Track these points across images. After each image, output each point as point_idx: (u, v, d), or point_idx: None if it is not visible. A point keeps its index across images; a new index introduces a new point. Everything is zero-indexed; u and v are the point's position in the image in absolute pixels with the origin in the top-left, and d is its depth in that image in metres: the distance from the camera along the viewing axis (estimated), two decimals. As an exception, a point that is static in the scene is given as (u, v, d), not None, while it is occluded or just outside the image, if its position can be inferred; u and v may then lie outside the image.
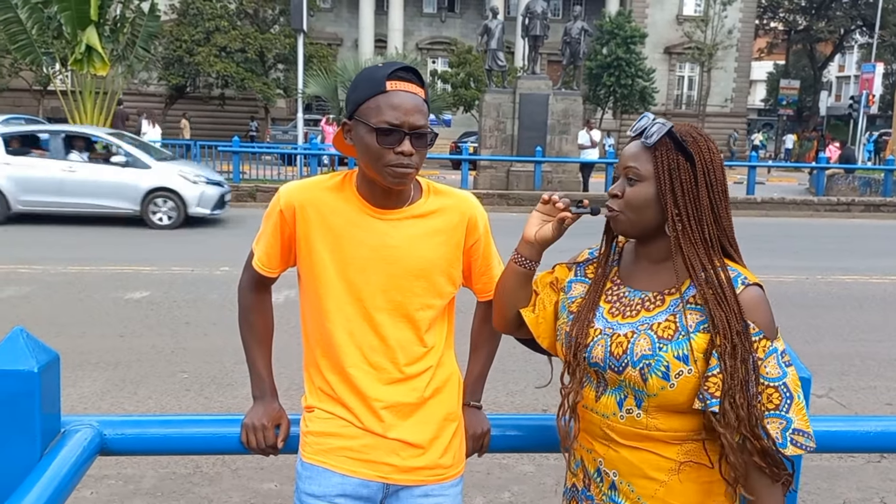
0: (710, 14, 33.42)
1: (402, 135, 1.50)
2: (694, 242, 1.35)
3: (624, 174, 1.41)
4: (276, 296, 1.82)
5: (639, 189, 1.38)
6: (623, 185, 1.41)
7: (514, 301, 1.56)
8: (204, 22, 27.41)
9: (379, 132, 1.49)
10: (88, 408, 4.42)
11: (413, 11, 37.58)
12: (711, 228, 1.37)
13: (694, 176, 1.36)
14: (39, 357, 1.48)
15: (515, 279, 1.53)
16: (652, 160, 1.37)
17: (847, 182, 19.67)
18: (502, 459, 3.83)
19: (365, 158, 1.54)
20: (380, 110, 1.49)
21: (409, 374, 1.62)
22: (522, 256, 1.51)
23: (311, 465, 1.62)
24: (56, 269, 8.10)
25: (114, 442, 1.64)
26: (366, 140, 1.51)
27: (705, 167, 1.37)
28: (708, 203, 1.36)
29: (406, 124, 1.50)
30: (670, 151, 1.36)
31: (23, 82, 28.20)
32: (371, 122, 1.50)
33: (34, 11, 16.76)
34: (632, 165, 1.39)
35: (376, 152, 1.50)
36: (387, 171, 1.51)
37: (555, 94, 17.49)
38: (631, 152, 1.40)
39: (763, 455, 1.29)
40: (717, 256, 1.36)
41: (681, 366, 1.31)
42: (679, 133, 1.37)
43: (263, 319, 1.76)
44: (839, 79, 57.35)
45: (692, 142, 1.37)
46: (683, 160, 1.36)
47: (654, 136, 1.37)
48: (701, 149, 1.37)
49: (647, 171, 1.37)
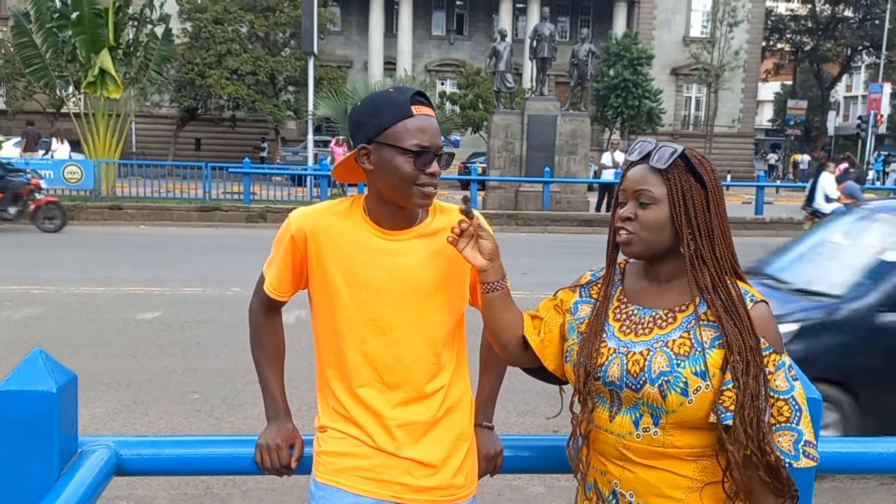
0: (717, 35, 33.57)
1: (433, 156, 1.55)
2: (706, 261, 1.39)
3: (634, 197, 1.42)
4: (286, 317, 1.84)
5: (653, 211, 1.40)
6: (634, 208, 1.42)
7: (505, 326, 1.56)
8: (216, 45, 27.72)
9: (414, 154, 1.54)
10: (100, 428, 4.44)
11: (422, 34, 37.92)
12: (722, 247, 1.40)
13: (706, 197, 1.39)
14: (58, 378, 1.50)
15: (495, 305, 1.53)
16: (664, 182, 1.39)
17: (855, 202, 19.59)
18: (513, 481, 3.82)
19: (392, 180, 1.57)
20: (410, 134, 1.54)
21: (423, 392, 1.64)
22: (488, 283, 1.51)
23: (325, 485, 1.63)
24: (69, 290, 8.16)
25: (130, 462, 1.66)
26: (396, 163, 1.55)
27: (714, 188, 1.40)
28: (718, 222, 1.40)
29: (434, 146, 1.55)
30: (683, 174, 1.39)
31: (36, 105, 28.54)
32: (403, 144, 1.54)
33: (49, 35, 17.04)
34: (643, 189, 1.41)
35: (409, 175, 1.54)
36: (415, 190, 1.56)
37: (563, 115, 17.57)
38: (640, 175, 1.42)
39: (768, 470, 1.32)
40: (729, 275, 1.40)
41: (699, 381, 1.33)
42: (690, 156, 1.41)
43: (275, 341, 1.78)
44: (847, 98, 57.35)
45: (699, 164, 1.41)
46: (695, 182, 1.39)
47: (667, 160, 1.39)
48: (707, 171, 1.41)
49: (661, 194, 1.40)
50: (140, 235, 13.71)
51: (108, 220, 15.19)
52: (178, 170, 18.43)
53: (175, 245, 12.47)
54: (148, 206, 15.76)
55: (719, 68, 33.83)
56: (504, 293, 1.53)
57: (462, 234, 1.49)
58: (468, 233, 1.49)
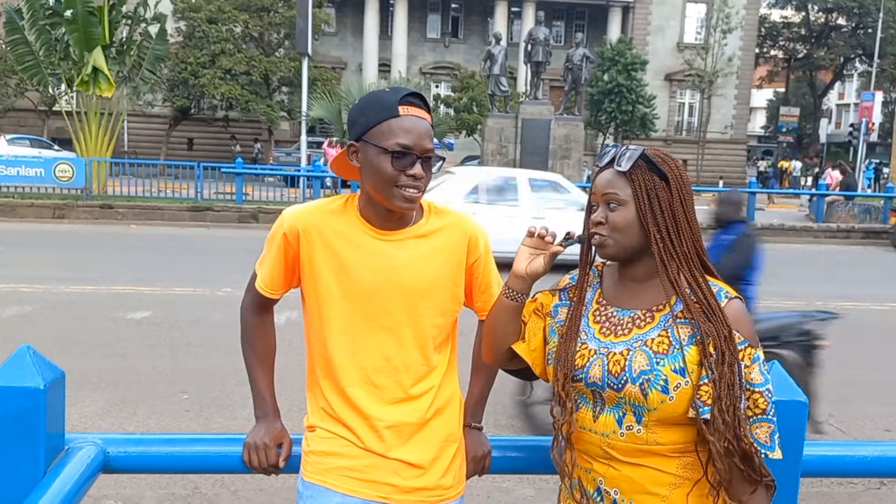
0: (711, 42, 33.74)
1: (415, 158, 1.53)
2: (676, 258, 1.42)
3: (603, 201, 1.45)
4: (277, 317, 1.84)
5: (621, 213, 1.43)
6: (604, 212, 1.45)
7: (505, 335, 1.57)
8: (209, 45, 27.69)
9: (393, 155, 1.52)
10: (89, 427, 4.41)
11: (417, 37, 37.96)
12: (689, 243, 1.43)
13: (670, 193, 1.42)
14: (45, 374, 1.49)
15: (506, 313, 1.55)
16: (629, 184, 1.42)
17: (847, 209, 19.72)
18: (502, 483, 3.82)
19: (374, 181, 1.56)
20: (393, 133, 1.52)
21: (412, 394, 1.64)
22: (513, 291, 1.52)
23: (313, 485, 1.63)
24: (58, 289, 8.12)
25: (117, 460, 1.65)
26: (377, 162, 1.54)
27: (678, 184, 1.43)
28: (684, 217, 1.43)
29: (418, 147, 1.53)
30: (645, 173, 1.42)
31: (28, 102, 28.42)
32: (384, 144, 1.53)
33: (42, 33, 16.98)
34: (610, 192, 1.44)
35: (388, 175, 1.53)
36: (396, 193, 1.54)
37: (557, 120, 17.64)
38: (606, 179, 1.45)
39: (744, 459, 1.34)
40: (698, 271, 1.43)
41: (678, 378, 1.35)
42: (650, 155, 1.44)
43: (265, 340, 1.77)
44: (839, 106, 57.67)
45: (661, 162, 1.44)
46: (658, 179, 1.42)
47: (629, 161, 1.43)
48: (671, 167, 1.44)
49: (627, 195, 1.43)
50: (131, 235, 13.66)
51: (98, 220, 15.12)
52: (170, 169, 18.38)
53: (166, 245, 12.43)
54: (139, 206, 15.70)
55: (713, 74, 34.00)
56: (520, 306, 1.55)
57: (543, 239, 1.48)
58: (545, 244, 1.48)
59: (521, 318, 1.59)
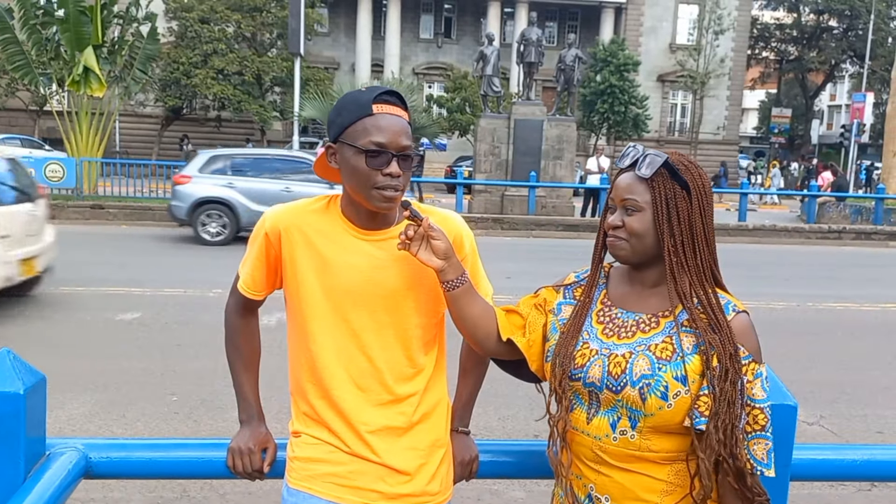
0: (703, 43, 33.82)
1: (390, 156, 1.51)
2: (688, 269, 1.40)
3: (622, 205, 1.44)
4: (269, 318, 1.83)
5: (638, 219, 1.41)
6: (622, 215, 1.43)
7: (475, 321, 1.55)
8: (202, 45, 27.58)
9: (367, 154, 1.50)
10: (76, 430, 4.38)
11: (410, 37, 37.93)
12: (704, 255, 1.41)
13: (690, 203, 1.40)
14: (26, 379, 1.47)
15: (458, 302, 1.53)
16: (649, 190, 1.40)
17: (838, 210, 19.81)
18: (493, 486, 3.80)
19: (352, 181, 1.54)
20: (367, 132, 1.50)
21: (397, 395, 1.61)
22: (448, 282, 1.51)
23: (297, 491, 1.61)
24: (47, 289, 8.06)
25: (99, 465, 1.63)
26: (353, 162, 1.52)
27: (699, 194, 1.41)
28: (701, 229, 1.41)
29: (393, 145, 1.50)
30: (667, 181, 1.40)
31: (19, 102, 28.26)
32: (358, 143, 1.50)
33: (33, 32, 16.89)
34: (629, 197, 1.42)
35: (364, 174, 1.51)
36: (374, 193, 1.52)
37: (549, 120, 17.64)
38: (626, 183, 1.43)
39: (738, 477, 1.33)
40: (709, 283, 1.41)
41: (679, 386, 1.34)
42: (674, 163, 1.41)
43: (250, 343, 1.75)
44: (830, 107, 57.94)
45: (685, 170, 1.41)
46: (679, 189, 1.40)
47: (650, 168, 1.40)
48: (694, 176, 1.41)
49: (645, 202, 1.41)
50: (121, 235, 13.59)
51: (89, 220, 15.04)
52: (162, 169, 18.30)
53: (157, 246, 12.37)
54: (130, 206, 15.62)
55: (705, 76, 34.08)
56: (466, 288, 1.53)
57: (412, 239, 1.48)
58: (418, 235, 1.48)
59: (519, 312, 1.57)
